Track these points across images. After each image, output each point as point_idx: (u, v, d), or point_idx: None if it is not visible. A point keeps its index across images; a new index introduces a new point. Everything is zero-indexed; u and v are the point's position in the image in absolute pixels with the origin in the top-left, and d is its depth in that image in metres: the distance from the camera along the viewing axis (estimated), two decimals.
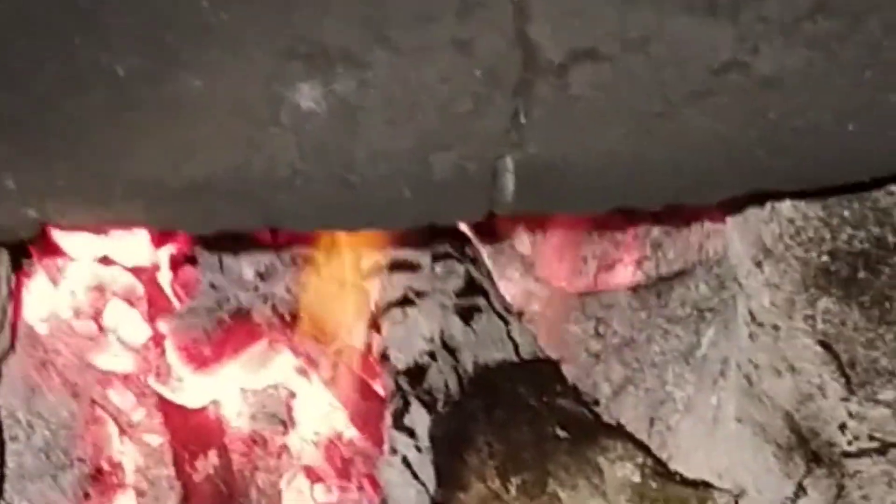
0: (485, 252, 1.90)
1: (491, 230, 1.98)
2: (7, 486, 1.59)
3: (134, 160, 0.93)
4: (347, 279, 1.79)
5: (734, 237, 1.50)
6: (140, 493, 1.71)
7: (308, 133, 0.91)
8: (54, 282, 1.81)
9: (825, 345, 1.42)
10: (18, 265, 1.65)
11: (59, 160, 0.93)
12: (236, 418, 1.81)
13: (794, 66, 0.93)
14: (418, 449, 1.58)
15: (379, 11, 0.88)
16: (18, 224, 0.96)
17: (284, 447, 1.81)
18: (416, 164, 0.93)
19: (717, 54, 0.92)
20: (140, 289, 1.85)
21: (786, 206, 1.38)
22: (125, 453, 1.72)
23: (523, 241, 1.98)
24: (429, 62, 0.90)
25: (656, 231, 1.84)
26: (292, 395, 1.83)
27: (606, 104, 0.92)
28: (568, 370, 1.75)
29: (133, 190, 0.94)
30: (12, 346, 1.58)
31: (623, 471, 1.49)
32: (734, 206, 1.48)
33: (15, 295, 1.62)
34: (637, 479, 1.48)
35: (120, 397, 1.77)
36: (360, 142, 0.92)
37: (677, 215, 1.78)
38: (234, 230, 0.98)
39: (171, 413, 1.79)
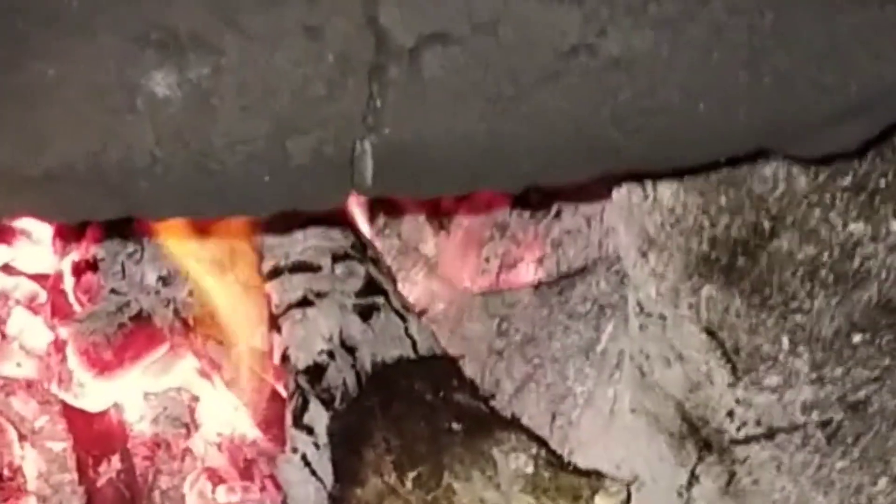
0: (387, 254, 1.91)
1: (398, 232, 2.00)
2: None
3: None
4: (247, 281, 1.79)
5: (620, 229, 1.52)
6: (42, 499, 1.70)
7: (164, 120, 0.92)
8: None
9: (710, 332, 1.43)
10: None
11: None
12: (139, 422, 1.81)
13: (642, 47, 0.95)
14: (316, 446, 1.60)
15: None
16: None
17: (188, 450, 1.81)
18: (273, 150, 0.94)
19: (565, 37, 0.93)
20: (43, 296, 1.85)
21: (666, 195, 1.40)
22: (26, 458, 1.71)
23: (427, 243, 2.00)
24: (280, 47, 0.91)
25: (557, 230, 1.86)
26: (195, 398, 1.83)
27: (459, 86, 0.93)
28: (471, 368, 1.77)
29: None
30: None
31: (516, 462, 1.50)
32: (617, 199, 1.50)
33: None
34: (530, 469, 1.49)
35: (23, 404, 1.77)
36: (217, 128, 0.93)
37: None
38: (93, 219, 0.99)
39: (75, 418, 1.79)
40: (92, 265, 1.85)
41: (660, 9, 0.94)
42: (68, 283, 1.87)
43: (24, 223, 1.88)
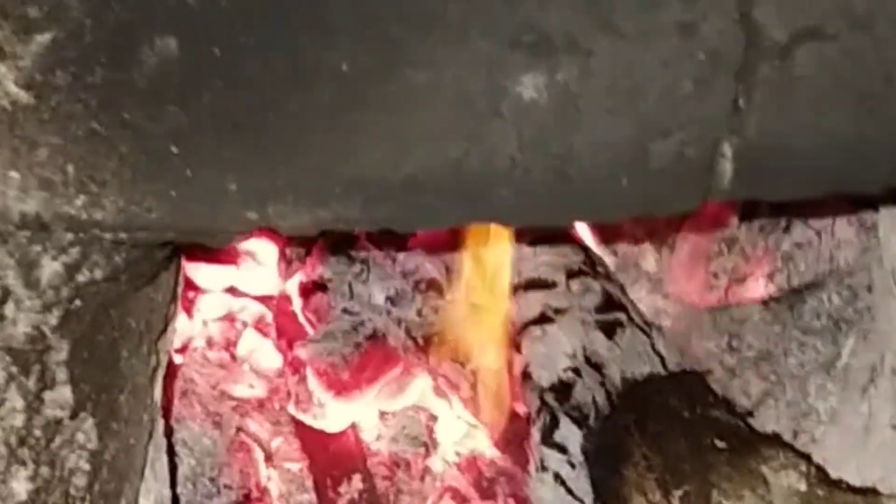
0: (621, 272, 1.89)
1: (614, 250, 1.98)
2: None
3: (355, 158, 0.92)
4: (480, 300, 1.78)
5: (890, 237, 1.48)
6: None
7: (528, 124, 0.91)
8: (188, 313, 1.81)
9: None
10: None
11: (281, 161, 0.92)
12: (376, 441, 1.80)
13: None
14: (571, 465, 1.58)
15: None
16: (237, 227, 0.96)
17: (427, 469, 1.80)
18: (634, 152, 0.93)
19: None
20: (269, 317, 1.85)
21: None
22: (271, 479, 1.71)
23: (648, 259, 1.97)
24: (652, 47, 0.89)
25: (787, 243, 1.83)
26: (432, 417, 1.82)
27: (829, 85, 0.91)
28: (711, 384, 1.73)
29: (352, 188, 0.93)
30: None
31: (788, 479, 1.46)
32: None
33: None
34: (803, 487, 1.45)
35: (257, 425, 1.77)
36: (580, 131, 0.91)
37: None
38: (448, 226, 0.97)
39: (309, 439, 1.78)
40: (320, 286, 1.84)
41: None
42: (297, 303, 1.88)
43: (249, 244, 1.89)
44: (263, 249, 1.89)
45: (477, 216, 0.96)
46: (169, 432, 1.48)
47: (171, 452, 1.56)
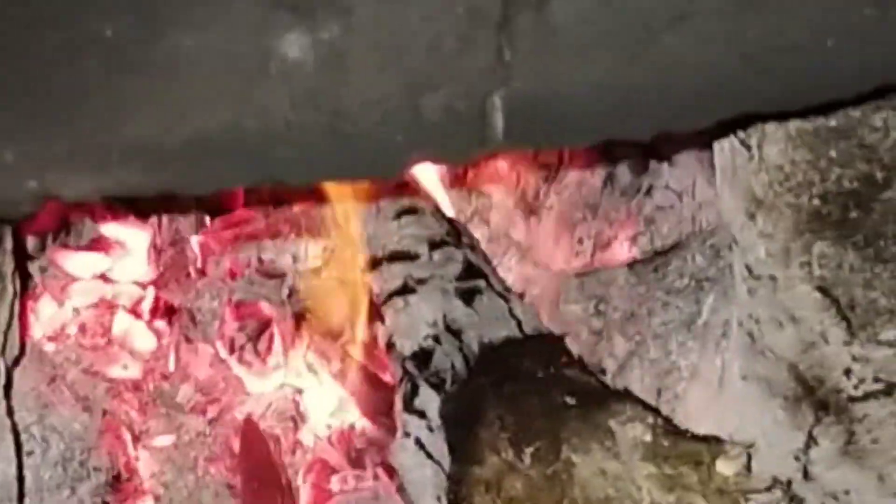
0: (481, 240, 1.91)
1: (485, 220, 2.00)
2: (27, 500, 1.60)
3: (129, 124, 0.94)
4: (345, 275, 1.80)
5: (724, 193, 1.50)
6: (156, 499, 1.72)
7: (297, 83, 0.93)
8: (59, 301, 1.82)
9: (823, 290, 1.41)
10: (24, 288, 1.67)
11: (56, 130, 0.94)
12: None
13: None
14: (430, 429, 1.60)
15: None
16: (19, 197, 0.97)
17: (298, 443, 1.82)
18: (406, 108, 0.95)
19: None
20: (143, 300, 1.87)
21: (773, 153, 1.38)
22: (140, 459, 1.73)
23: (518, 229, 1.99)
24: (413, 3, 0.92)
25: (649, 207, 1.85)
26: (298, 391, 1.84)
27: (588, 35, 0.93)
28: (572, 348, 1.75)
29: (130, 155, 0.95)
30: (22, 351, 1.59)
31: (634, 431, 1.50)
32: (721, 163, 1.49)
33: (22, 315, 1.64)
34: (648, 438, 1.49)
35: (128, 406, 1.78)
36: (350, 89, 0.93)
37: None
38: (234, 188, 0.99)
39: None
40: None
41: None
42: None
43: (118, 232, 1.90)
44: (134, 237, 1.90)
45: (259, 177, 0.98)
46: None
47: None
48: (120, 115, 0.93)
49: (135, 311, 1.87)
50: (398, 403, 1.66)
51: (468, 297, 1.73)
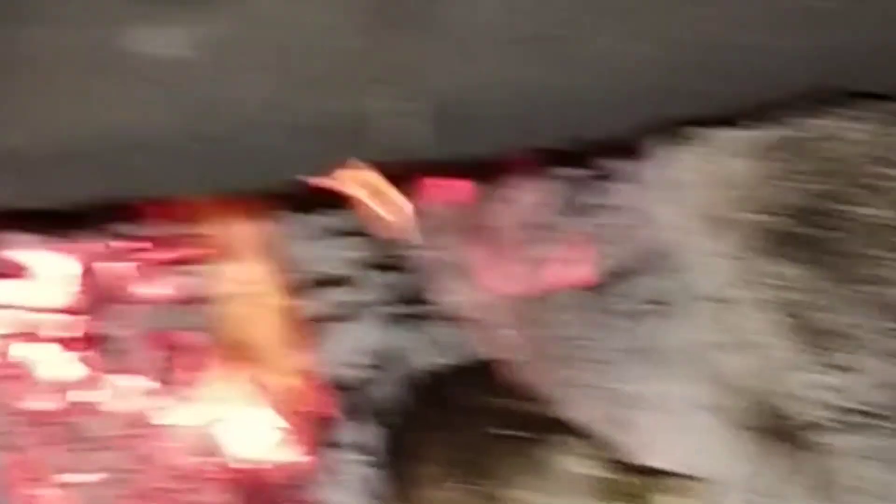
0: (422, 263, 1.86)
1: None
2: None
3: None
4: (274, 302, 1.74)
5: (676, 211, 1.47)
6: None
7: (163, 84, 0.83)
8: None
9: (782, 312, 1.38)
10: None
11: None
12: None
13: None
14: (363, 463, 1.59)
15: None
16: None
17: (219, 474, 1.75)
18: (286, 113, 0.85)
19: None
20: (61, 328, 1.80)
21: (726, 168, 1.33)
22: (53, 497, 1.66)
23: (462, 252, 1.94)
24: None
25: (597, 226, 1.81)
26: (220, 422, 1.77)
27: (506, 31, 0.85)
28: (514, 374, 1.70)
29: None
30: None
31: (576, 465, 1.50)
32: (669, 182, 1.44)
33: None
34: (592, 471, 1.50)
35: (41, 439, 1.72)
36: (226, 92, 0.84)
37: None
38: (102, 200, 0.89)
39: None
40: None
41: None
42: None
43: (27, 257, 1.84)
44: (47, 262, 1.83)
45: (131, 187, 0.88)
46: None
47: None
48: None
49: (50, 340, 1.79)
50: (327, 436, 1.63)
51: (406, 323, 1.71)
